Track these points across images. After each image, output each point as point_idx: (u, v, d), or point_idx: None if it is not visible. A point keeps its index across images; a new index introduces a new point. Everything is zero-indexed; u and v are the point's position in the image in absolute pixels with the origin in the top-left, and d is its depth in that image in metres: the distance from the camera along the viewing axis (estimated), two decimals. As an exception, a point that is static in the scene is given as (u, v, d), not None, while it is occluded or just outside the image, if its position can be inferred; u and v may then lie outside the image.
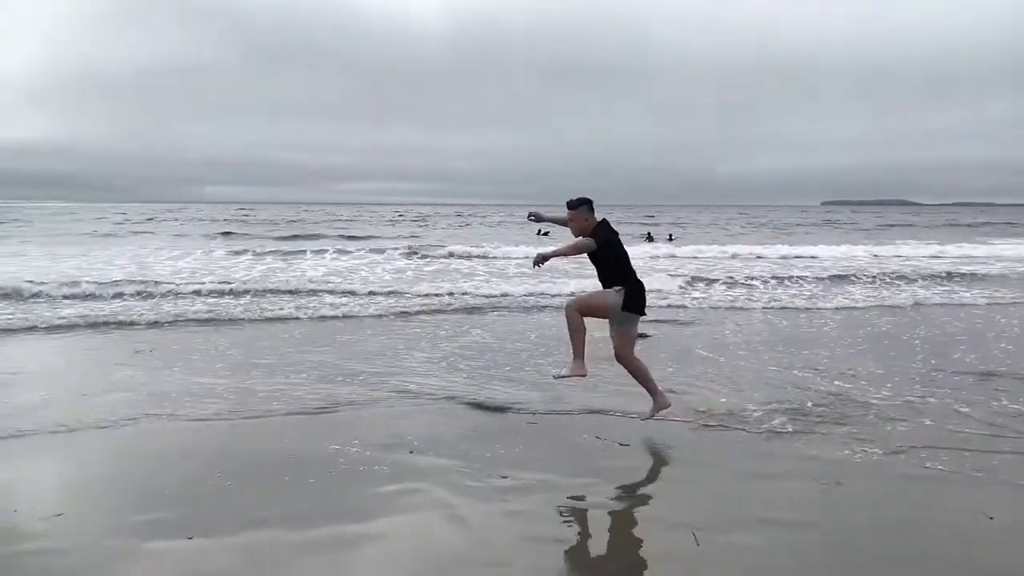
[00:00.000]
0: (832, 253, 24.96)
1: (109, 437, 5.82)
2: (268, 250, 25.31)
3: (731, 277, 17.64)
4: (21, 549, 3.94)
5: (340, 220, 60.36)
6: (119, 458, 5.40)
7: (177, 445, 5.62)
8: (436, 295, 14.13)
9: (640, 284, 5.93)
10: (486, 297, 14.06)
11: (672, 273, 18.45)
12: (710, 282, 16.80)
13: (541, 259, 5.70)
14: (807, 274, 18.43)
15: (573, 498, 4.67)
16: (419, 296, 14.00)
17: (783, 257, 24.21)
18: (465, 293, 14.49)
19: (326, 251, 24.67)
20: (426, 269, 20.35)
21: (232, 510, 4.41)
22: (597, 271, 6.00)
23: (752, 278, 17.46)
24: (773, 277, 17.79)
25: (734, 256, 24.44)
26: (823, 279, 17.60)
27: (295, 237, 36.27)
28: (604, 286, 5.93)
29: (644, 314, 6.00)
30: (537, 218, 6.54)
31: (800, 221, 69.94)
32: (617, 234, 5.96)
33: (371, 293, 14.22)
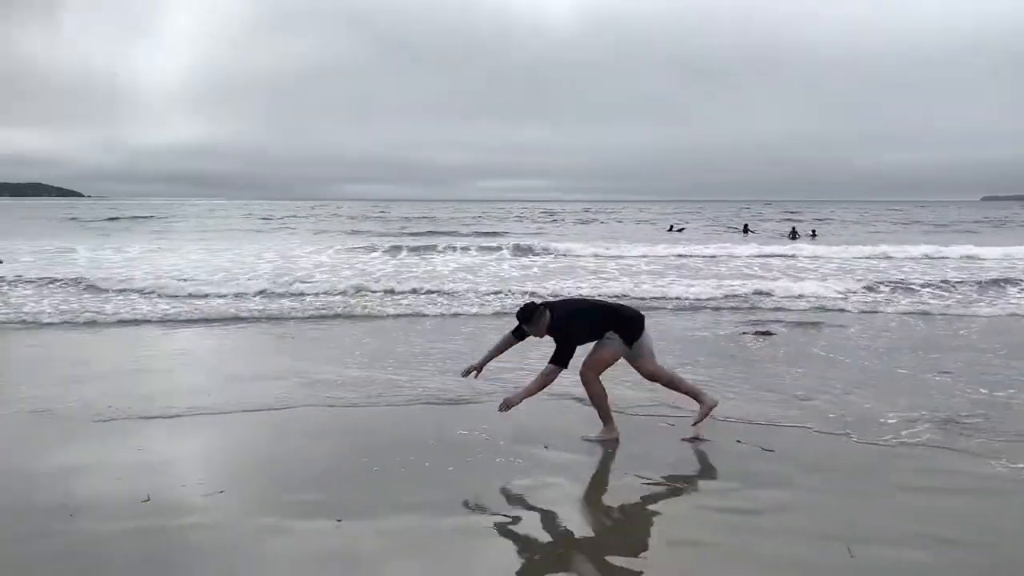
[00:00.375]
0: (994, 253, 22.55)
1: (261, 420, 6.19)
2: (400, 245, 26.15)
3: (879, 278, 16.58)
4: (185, 522, 4.23)
5: (468, 217, 61.52)
6: (272, 441, 5.71)
7: (324, 430, 5.90)
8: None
9: (620, 312, 5.73)
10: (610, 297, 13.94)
11: (817, 272, 17.71)
12: (858, 282, 15.82)
13: (506, 406, 5.40)
14: (963, 276, 16.98)
15: (715, 501, 4.52)
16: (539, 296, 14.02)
17: (935, 257, 22.38)
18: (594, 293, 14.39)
19: (455, 248, 25.25)
20: (551, 266, 20.40)
21: (378, 495, 4.56)
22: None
23: (898, 280, 16.30)
24: (924, 278, 16.56)
25: (883, 255, 22.80)
26: (982, 282, 16.11)
27: (429, 233, 37.27)
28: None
29: (643, 331, 5.66)
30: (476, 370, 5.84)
31: (960, 218, 64.32)
32: (570, 314, 5.58)
33: (496, 292, 14.35)
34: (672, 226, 43.40)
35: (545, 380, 5.42)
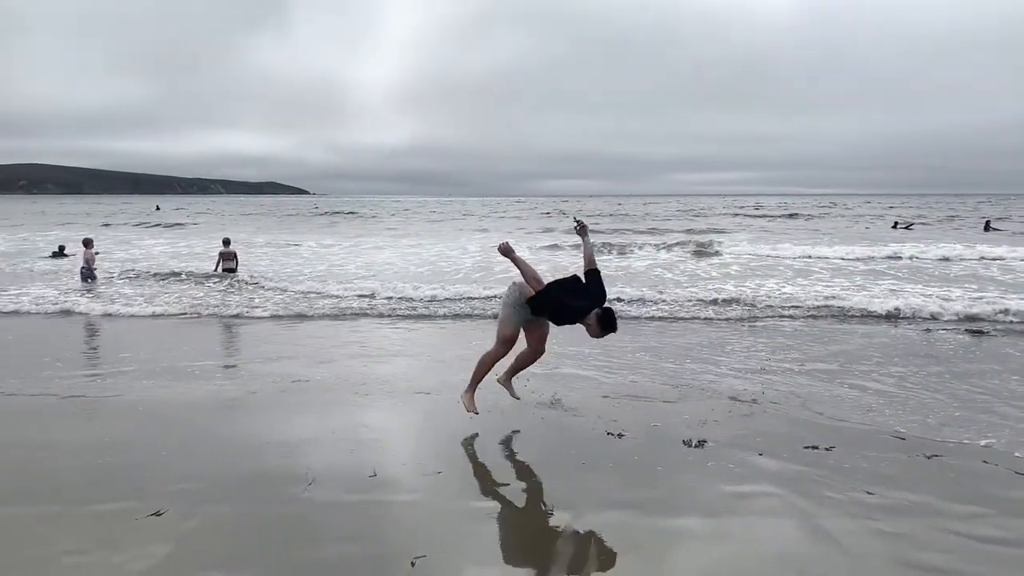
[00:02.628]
0: None
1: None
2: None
3: None
4: (406, 500, 4.47)
5: (665, 211, 60.29)
6: (485, 428, 5.89)
7: (532, 422, 6.01)
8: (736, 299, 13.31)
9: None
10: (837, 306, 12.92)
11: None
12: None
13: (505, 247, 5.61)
14: None
15: (962, 526, 4.05)
16: (728, 300, 13.36)
17: None
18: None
19: (656, 245, 24.85)
20: (752, 265, 19.43)
21: (587, 489, 4.57)
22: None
23: None
24: None
25: None
26: None
27: (622, 231, 37.06)
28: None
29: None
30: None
31: None
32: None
33: (704, 301, 13.87)
34: (896, 222, 39.84)
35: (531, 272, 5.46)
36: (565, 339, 9.54)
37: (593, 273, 5.56)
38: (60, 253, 23.08)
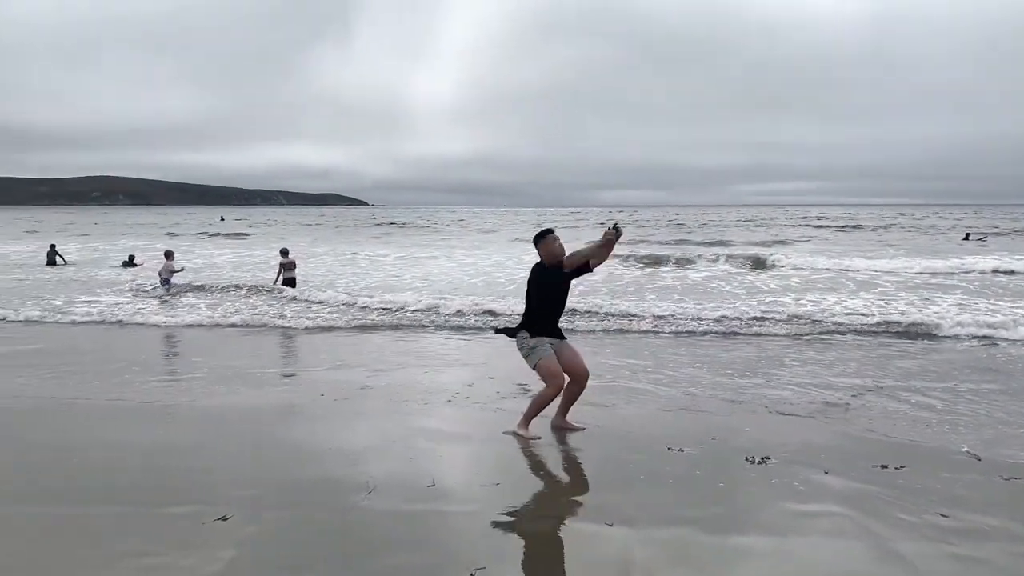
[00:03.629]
0: None
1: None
2: (652, 255, 25.93)
3: None
4: (464, 510, 4.47)
5: (723, 222, 59.40)
6: (541, 442, 5.84)
7: (590, 435, 5.96)
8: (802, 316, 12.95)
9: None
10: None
11: None
12: None
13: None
14: None
15: (1047, 554, 3.86)
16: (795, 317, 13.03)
17: None
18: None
19: (713, 258, 24.50)
20: (813, 278, 18.97)
21: (648, 503, 4.50)
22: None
23: None
24: None
25: None
26: None
27: (679, 242, 36.65)
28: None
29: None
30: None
31: None
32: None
33: (765, 318, 13.58)
34: (968, 234, 38.25)
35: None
36: (620, 351, 9.48)
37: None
38: (129, 263, 23.94)
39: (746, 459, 5.25)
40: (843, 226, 51.92)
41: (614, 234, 5.38)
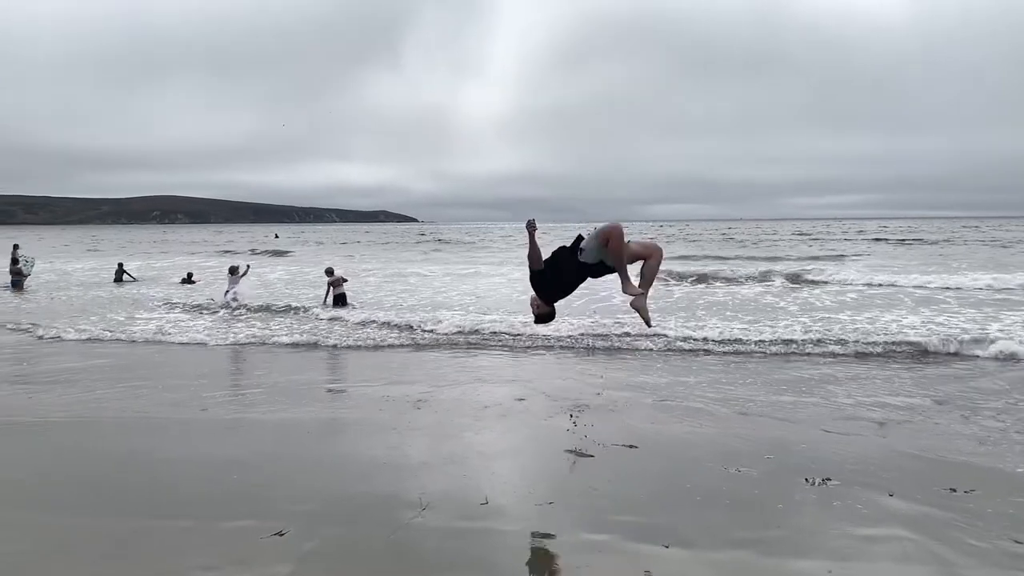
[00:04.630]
0: None
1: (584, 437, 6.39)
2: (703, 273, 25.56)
3: None
4: (517, 529, 4.46)
5: (775, 237, 58.25)
6: (596, 461, 5.81)
7: (646, 454, 5.89)
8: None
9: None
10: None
11: None
12: None
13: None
14: None
15: None
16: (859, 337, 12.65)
17: None
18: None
19: (753, 272, 24.04)
20: (868, 293, 18.45)
21: (705, 525, 4.42)
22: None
23: None
24: None
25: None
26: None
27: (729, 258, 36.11)
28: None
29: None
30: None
31: None
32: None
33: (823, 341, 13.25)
34: None
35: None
36: (673, 369, 9.36)
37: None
38: (188, 280, 24.61)
39: (806, 480, 5.12)
40: (903, 239, 50.38)
41: None
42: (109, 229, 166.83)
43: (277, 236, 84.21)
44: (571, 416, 6.92)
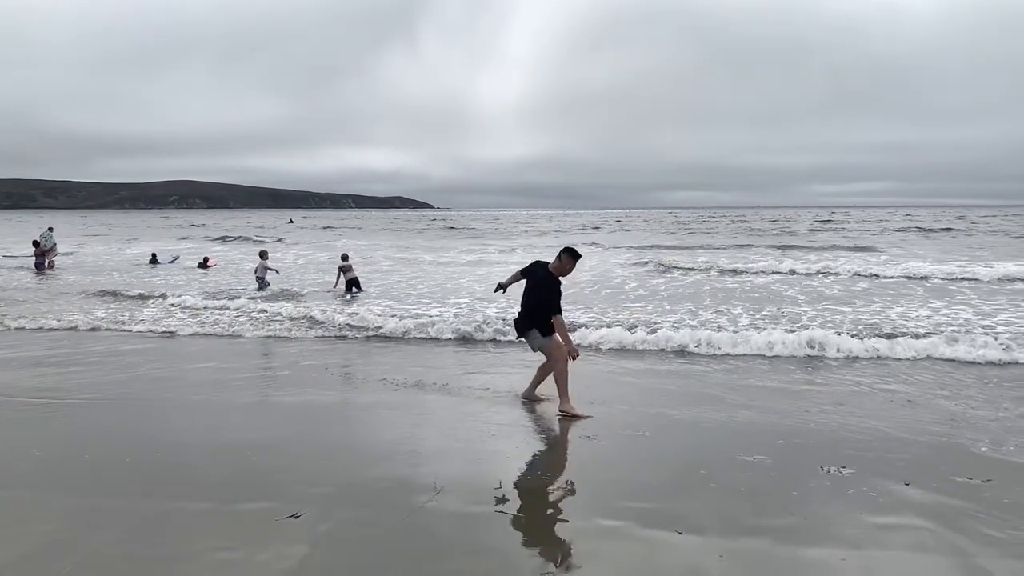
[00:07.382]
0: None
1: (601, 425, 6.39)
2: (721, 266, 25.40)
3: None
4: (530, 514, 4.49)
5: (794, 225, 57.63)
6: (611, 448, 5.83)
7: (662, 441, 5.89)
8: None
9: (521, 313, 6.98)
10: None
11: None
12: None
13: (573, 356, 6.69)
14: None
15: None
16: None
17: None
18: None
19: (767, 259, 23.88)
20: (887, 284, 18.27)
21: (719, 512, 4.41)
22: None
23: None
24: None
25: None
26: None
27: (743, 245, 35.89)
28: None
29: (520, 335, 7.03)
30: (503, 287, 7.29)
31: None
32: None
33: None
34: None
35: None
36: (683, 358, 9.32)
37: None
38: (204, 264, 24.79)
39: (821, 468, 5.10)
40: (927, 228, 49.41)
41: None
42: (125, 214, 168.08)
43: (292, 221, 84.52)
44: (584, 402, 6.92)
